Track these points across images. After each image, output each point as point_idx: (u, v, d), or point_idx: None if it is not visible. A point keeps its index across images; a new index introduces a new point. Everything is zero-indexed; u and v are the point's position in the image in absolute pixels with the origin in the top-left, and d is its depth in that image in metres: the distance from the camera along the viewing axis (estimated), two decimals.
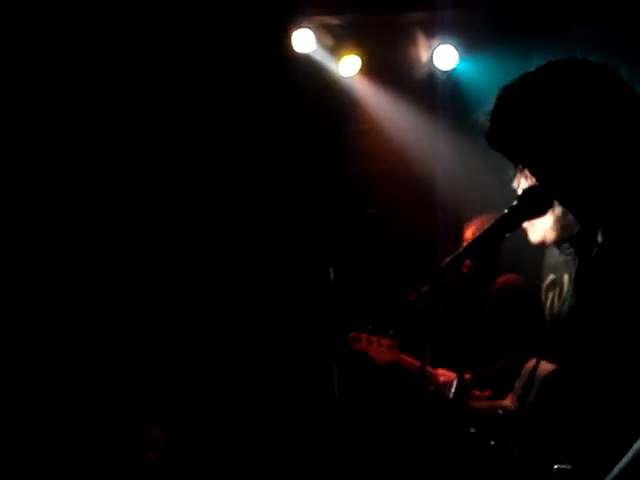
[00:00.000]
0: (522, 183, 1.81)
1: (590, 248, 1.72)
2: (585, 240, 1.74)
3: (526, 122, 1.68)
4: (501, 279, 3.47)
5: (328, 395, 4.22)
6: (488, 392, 3.73)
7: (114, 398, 4.87)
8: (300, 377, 5.15)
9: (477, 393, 3.72)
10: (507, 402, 3.55)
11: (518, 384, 3.45)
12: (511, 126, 1.70)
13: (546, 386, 3.17)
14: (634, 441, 1.44)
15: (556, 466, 1.68)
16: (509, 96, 1.72)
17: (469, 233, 3.97)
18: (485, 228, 1.73)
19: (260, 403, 5.15)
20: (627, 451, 1.45)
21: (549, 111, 1.66)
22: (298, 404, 5.14)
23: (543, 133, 1.66)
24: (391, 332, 4.00)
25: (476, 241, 1.71)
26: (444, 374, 3.80)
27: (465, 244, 1.73)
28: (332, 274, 4.17)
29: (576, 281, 1.75)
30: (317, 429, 4.95)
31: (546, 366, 3.14)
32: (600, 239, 1.71)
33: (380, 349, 3.99)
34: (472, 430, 3.59)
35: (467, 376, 3.67)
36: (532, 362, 3.28)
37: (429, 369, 3.86)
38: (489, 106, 1.75)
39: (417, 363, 3.93)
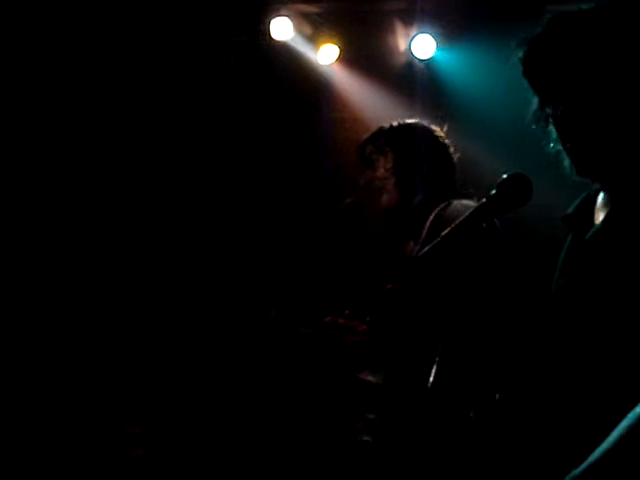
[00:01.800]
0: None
1: (585, 228, 1.67)
2: (580, 218, 1.71)
3: (577, 53, 1.57)
4: None
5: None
6: None
7: (97, 395, 4.85)
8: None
9: None
10: None
11: None
12: (558, 52, 1.59)
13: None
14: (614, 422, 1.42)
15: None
16: (565, 24, 1.60)
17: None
18: (462, 218, 1.70)
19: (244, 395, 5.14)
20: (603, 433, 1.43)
21: (603, 49, 1.56)
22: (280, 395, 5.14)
23: (590, 70, 1.56)
24: (367, 318, 3.99)
25: (453, 231, 1.68)
26: None
27: (442, 234, 1.69)
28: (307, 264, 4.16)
29: (568, 260, 1.70)
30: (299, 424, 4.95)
31: None
32: (599, 221, 1.65)
33: (356, 335, 3.97)
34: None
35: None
36: None
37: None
38: (531, 32, 1.64)
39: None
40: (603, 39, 1.58)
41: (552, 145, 1.69)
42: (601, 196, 1.69)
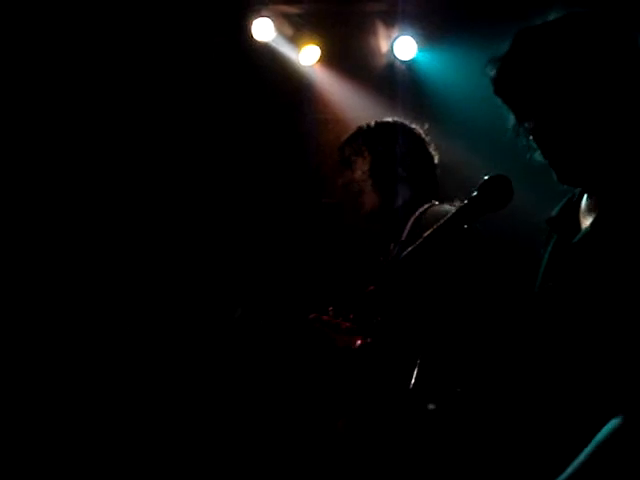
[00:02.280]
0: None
1: (571, 231, 1.68)
2: (565, 221, 1.71)
3: (545, 68, 1.59)
4: None
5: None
6: None
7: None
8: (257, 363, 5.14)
9: None
10: None
11: None
12: (527, 70, 1.61)
13: None
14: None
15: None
16: (530, 40, 1.62)
17: None
18: (444, 219, 1.70)
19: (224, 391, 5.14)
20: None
21: (571, 61, 1.58)
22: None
23: (560, 82, 1.58)
24: (351, 316, 4.02)
25: (435, 232, 1.68)
26: None
27: (424, 235, 1.69)
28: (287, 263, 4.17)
29: (555, 263, 1.71)
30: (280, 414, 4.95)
31: None
32: (586, 224, 1.65)
33: (339, 332, 4.02)
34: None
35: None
36: None
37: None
38: (500, 52, 1.65)
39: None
40: (568, 51, 1.59)
41: (536, 156, 1.70)
42: (585, 199, 1.71)
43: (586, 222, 1.66)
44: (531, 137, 1.69)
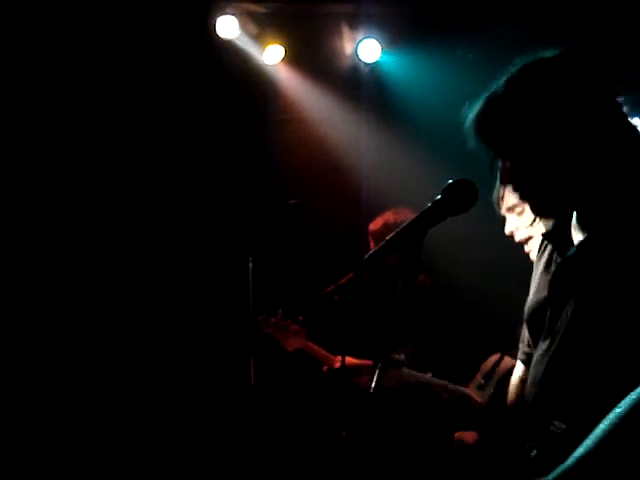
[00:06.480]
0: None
1: (565, 244, 1.73)
2: (560, 235, 1.76)
3: (513, 126, 1.68)
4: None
5: (243, 382, 4.21)
6: None
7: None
8: (216, 364, 5.12)
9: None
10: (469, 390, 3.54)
11: (479, 374, 3.47)
12: (499, 132, 1.70)
13: (504, 380, 3.21)
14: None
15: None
16: (496, 103, 1.71)
17: (372, 226, 3.98)
18: (407, 222, 1.69)
19: (177, 390, 5.11)
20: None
21: (536, 112, 1.66)
22: (214, 392, 5.12)
23: (531, 133, 1.67)
24: (300, 318, 4.02)
25: (398, 235, 1.68)
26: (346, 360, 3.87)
27: (387, 237, 1.68)
28: (251, 264, 4.15)
29: (555, 275, 1.75)
30: (234, 414, 4.93)
31: (508, 362, 3.18)
32: (580, 237, 1.71)
33: (288, 334, 4.01)
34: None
35: (368, 362, 3.71)
36: (495, 357, 3.32)
37: (328, 355, 3.93)
38: (475, 109, 1.74)
39: (324, 352, 3.99)
40: (524, 113, 1.68)
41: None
42: (575, 215, 1.77)
43: (578, 237, 1.73)
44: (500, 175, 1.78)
